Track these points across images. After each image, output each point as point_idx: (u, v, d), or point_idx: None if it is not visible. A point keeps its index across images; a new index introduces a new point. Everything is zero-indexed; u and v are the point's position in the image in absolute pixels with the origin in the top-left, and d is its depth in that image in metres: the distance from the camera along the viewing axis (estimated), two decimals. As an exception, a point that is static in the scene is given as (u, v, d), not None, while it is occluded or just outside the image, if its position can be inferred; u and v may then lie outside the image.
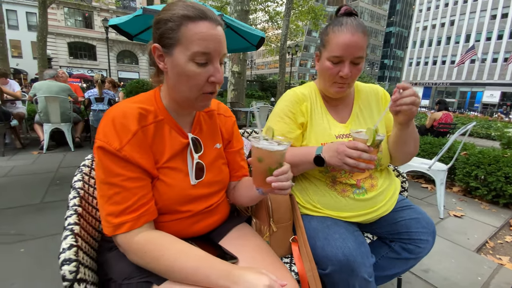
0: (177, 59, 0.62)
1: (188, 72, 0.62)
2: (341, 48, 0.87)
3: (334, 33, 0.89)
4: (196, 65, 0.62)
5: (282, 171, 0.63)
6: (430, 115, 5.29)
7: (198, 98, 0.66)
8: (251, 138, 0.66)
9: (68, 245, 0.55)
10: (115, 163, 0.60)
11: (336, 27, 0.89)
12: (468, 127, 2.37)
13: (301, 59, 53.01)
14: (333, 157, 0.81)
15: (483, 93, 36.62)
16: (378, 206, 0.95)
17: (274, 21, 16.23)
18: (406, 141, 0.94)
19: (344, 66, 0.89)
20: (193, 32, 0.60)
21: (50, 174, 2.96)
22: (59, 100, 3.81)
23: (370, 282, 0.82)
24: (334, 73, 0.91)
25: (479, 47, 35.91)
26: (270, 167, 0.64)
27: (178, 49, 0.62)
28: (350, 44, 0.86)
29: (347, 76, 0.89)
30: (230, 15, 5.91)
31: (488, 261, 1.83)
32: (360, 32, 0.87)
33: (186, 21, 0.61)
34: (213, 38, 0.62)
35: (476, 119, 13.82)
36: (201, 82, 0.64)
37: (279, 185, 0.62)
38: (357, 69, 0.91)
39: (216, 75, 0.64)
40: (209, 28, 0.61)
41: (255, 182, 0.68)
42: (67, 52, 25.39)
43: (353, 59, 0.89)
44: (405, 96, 0.81)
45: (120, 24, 3.61)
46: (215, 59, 0.64)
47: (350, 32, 0.86)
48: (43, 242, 1.72)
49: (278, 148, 0.63)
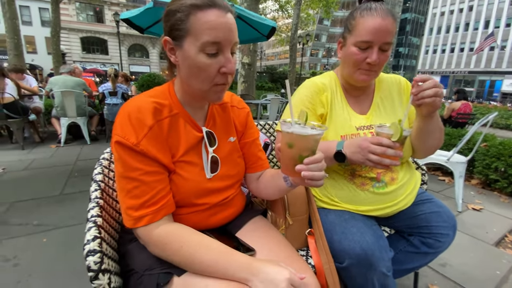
0: (188, 51, 0.61)
1: (199, 64, 0.61)
2: (370, 33, 0.83)
3: (362, 17, 0.85)
4: (206, 56, 0.60)
5: (314, 159, 0.59)
6: (449, 105, 5.10)
7: (210, 90, 0.65)
8: (282, 122, 0.61)
9: (92, 236, 0.57)
10: (133, 157, 0.61)
11: (365, 11, 0.85)
12: (489, 117, 2.26)
13: (312, 49, 51.86)
14: (356, 153, 0.79)
15: (503, 81, 34.98)
16: (398, 200, 0.93)
17: (285, 10, 15.89)
18: (430, 133, 0.90)
19: (372, 52, 0.85)
20: (202, 21, 0.59)
21: (69, 167, 3.06)
22: (75, 95, 3.90)
23: (389, 276, 0.81)
24: (360, 59, 0.88)
25: (499, 33, 34.10)
26: (301, 154, 0.59)
27: (188, 41, 0.60)
28: (381, 29, 0.82)
29: (375, 62, 0.86)
30: (240, 5, 5.82)
31: (507, 255, 1.79)
32: (391, 17, 0.84)
33: (195, 10, 0.59)
34: (223, 27, 0.60)
35: (495, 109, 13.25)
36: (213, 74, 0.62)
37: (310, 174, 0.58)
38: (385, 56, 0.87)
39: (228, 66, 0.62)
40: (218, 16, 0.60)
41: (284, 170, 0.64)
42: (80, 47, 25.86)
43: (382, 45, 0.85)
44: (426, 88, 0.76)
45: (131, 17, 3.62)
46: (226, 49, 0.62)
47: (380, 16, 0.83)
48: (64, 232, 1.79)
49: (312, 132, 0.58)
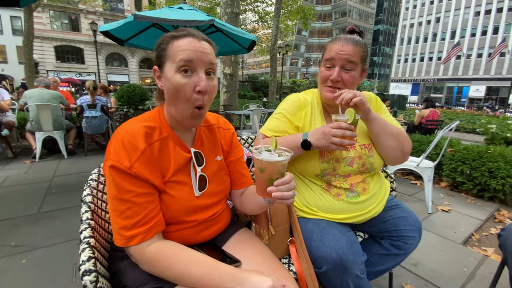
0: (167, 74, 0.69)
1: (175, 84, 0.68)
2: (331, 53, 0.99)
3: (330, 43, 1.03)
4: (181, 75, 0.68)
5: (283, 181, 0.66)
6: (418, 113, 5.46)
7: (189, 114, 0.71)
8: (253, 150, 0.69)
9: (87, 257, 0.60)
10: (126, 180, 0.65)
11: (333, 40, 1.03)
12: (452, 125, 2.48)
13: (292, 58, 53.29)
14: (320, 139, 0.91)
15: (469, 88, 37.59)
16: (370, 208, 1.03)
17: (264, 21, 16.30)
18: (379, 136, 1.03)
19: (334, 70, 0.99)
20: (176, 46, 0.68)
21: (45, 183, 2.96)
22: (51, 108, 3.79)
23: (362, 278, 0.89)
24: (326, 76, 1.02)
25: (464, 43, 36.83)
26: (271, 177, 0.66)
27: (167, 65, 0.69)
28: (341, 50, 0.97)
29: (336, 79, 0.98)
30: (220, 18, 5.95)
31: (474, 253, 1.93)
32: (351, 44, 0.97)
33: (173, 39, 0.70)
34: (195, 49, 0.68)
35: (462, 114, 14.22)
36: (189, 93, 0.68)
37: (279, 195, 0.65)
38: (349, 76, 0.99)
39: (200, 84, 0.68)
40: (191, 42, 0.69)
41: (258, 191, 0.72)
42: (54, 56, 24.86)
43: (344, 64, 0.98)
44: (344, 95, 0.94)
45: (111, 30, 3.62)
46: (200, 68, 0.69)
47: (341, 43, 0.99)
48: (44, 252, 1.74)
49: (278, 159, 0.66)
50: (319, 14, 54.28)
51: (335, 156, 1.02)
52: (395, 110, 8.61)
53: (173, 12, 3.47)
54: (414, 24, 43.85)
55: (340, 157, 1.02)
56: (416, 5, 43.52)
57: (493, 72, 34.85)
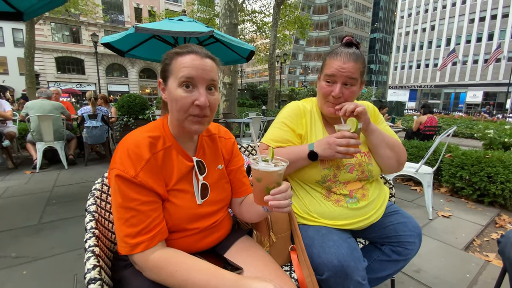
0: (170, 87, 0.73)
1: (176, 97, 0.71)
2: (333, 70, 1.00)
3: (330, 58, 1.03)
4: (183, 90, 0.71)
5: (279, 190, 0.69)
6: (416, 119, 5.51)
7: (186, 120, 0.74)
8: (251, 160, 0.72)
9: (92, 265, 0.61)
10: (132, 189, 0.67)
11: (333, 54, 1.03)
12: (449, 131, 2.51)
13: (290, 67, 53.99)
14: (326, 149, 0.94)
15: (466, 93, 37.91)
16: (369, 214, 1.04)
17: (262, 31, 16.58)
18: (377, 147, 1.05)
19: (336, 86, 1.00)
20: (180, 63, 0.72)
21: (46, 194, 2.95)
22: (52, 119, 3.82)
23: (364, 284, 0.90)
24: (327, 92, 1.03)
25: (460, 50, 37.37)
26: (268, 186, 0.69)
27: (171, 79, 0.73)
28: (341, 68, 0.98)
29: (337, 95, 1.00)
30: (219, 29, 6.07)
31: (475, 258, 1.93)
32: (352, 61, 0.98)
33: (176, 56, 0.73)
34: (197, 66, 0.72)
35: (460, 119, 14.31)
36: (187, 105, 0.72)
37: (276, 203, 0.67)
38: (350, 91, 1.01)
39: (200, 99, 0.71)
40: (194, 59, 0.72)
41: (256, 200, 0.75)
42: (54, 67, 25.16)
43: (345, 80, 0.99)
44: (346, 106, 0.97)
45: (112, 42, 3.69)
46: (200, 85, 0.72)
47: (342, 59, 0.99)
48: (46, 263, 1.73)
49: (274, 169, 0.69)
50: (316, 24, 55.24)
51: (335, 163, 1.03)
52: (393, 117, 8.68)
53: (173, 24, 3.55)
54: (410, 32, 44.59)
55: (341, 164, 1.04)
56: (411, 13, 44.36)
57: (489, 77, 35.24)
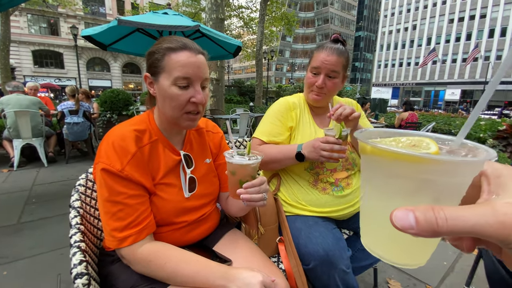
0: (162, 84, 0.71)
1: (171, 94, 0.71)
2: (318, 62, 1.08)
3: (316, 52, 1.11)
4: (178, 88, 0.71)
5: (252, 184, 0.68)
6: (398, 116, 5.69)
7: (182, 117, 0.74)
8: (225, 153, 0.71)
9: (78, 260, 0.61)
10: (118, 182, 0.66)
11: (319, 48, 1.11)
12: (428, 127, 2.62)
13: (277, 64, 54.06)
14: (311, 152, 0.97)
15: (445, 91, 39.51)
16: (354, 202, 1.08)
17: (249, 27, 16.47)
18: None
19: (320, 78, 1.07)
20: (174, 60, 0.70)
21: (25, 193, 2.83)
22: (30, 114, 3.65)
23: (348, 273, 0.94)
24: (312, 82, 1.10)
25: (440, 49, 38.79)
26: (242, 180, 0.69)
27: (163, 76, 0.71)
28: (325, 60, 1.06)
29: (320, 86, 1.08)
30: (205, 23, 5.98)
31: (452, 247, 2.03)
32: (336, 55, 1.05)
33: (169, 52, 0.71)
34: (192, 65, 0.71)
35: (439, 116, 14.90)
36: (183, 103, 0.72)
37: (248, 197, 0.67)
38: (333, 83, 1.08)
39: (197, 96, 0.72)
40: (189, 56, 0.71)
41: (230, 194, 0.74)
42: (31, 60, 23.94)
43: (328, 72, 1.06)
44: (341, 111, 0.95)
45: (93, 35, 3.56)
46: (196, 83, 0.73)
47: (326, 53, 1.07)
48: (26, 263, 1.67)
49: (248, 162, 0.68)
50: (303, 21, 55.54)
51: None
52: (376, 113, 8.91)
53: (158, 17, 3.46)
54: (393, 31, 45.77)
55: None
56: (394, 13, 45.50)
57: (467, 76, 36.83)
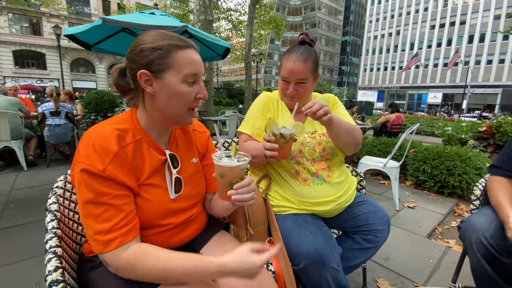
0: (169, 82, 0.69)
1: (182, 92, 0.71)
2: (286, 72, 1.10)
3: (284, 59, 1.12)
4: (187, 85, 0.71)
5: (242, 185, 0.69)
6: (384, 116, 5.83)
7: (186, 114, 0.75)
8: (213, 156, 0.72)
9: (54, 267, 0.57)
10: (101, 183, 0.63)
11: (286, 55, 1.11)
12: (413, 128, 2.68)
13: (266, 66, 54.40)
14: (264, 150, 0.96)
15: (428, 95, 40.90)
16: (337, 195, 1.07)
17: (238, 30, 16.51)
18: (338, 136, 1.08)
19: (289, 86, 1.11)
20: (184, 57, 0.70)
21: (2, 198, 2.69)
22: (9, 116, 3.48)
23: (339, 270, 0.93)
24: (284, 89, 1.15)
25: (422, 54, 40.20)
26: (231, 181, 0.70)
27: (170, 73, 0.69)
28: (292, 70, 1.08)
29: (291, 94, 1.12)
30: (194, 25, 5.93)
31: (438, 245, 2.08)
32: (302, 61, 1.06)
33: (176, 49, 0.70)
34: (198, 62, 0.73)
35: (422, 118, 15.40)
36: (191, 99, 0.73)
37: (239, 197, 0.69)
38: (303, 88, 1.11)
39: (202, 92, 0.75)
40: (194, 54, 0.73)
41: (219, 196, 0.74)
42: (12, 61, 23.03)
43: (297, 81, 1.10)
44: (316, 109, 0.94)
45: (77, 34, 3.45)
46: (200, 79, 0.75)
47: (292, 61, 1.07)
48: (3, 272, 1.57)
49: (237, 164, 0.69)
50: (291, 25, 56.23)
51: (299, 140, 1.10)
52: (363, 116, 9.08)
53: (144, 17, 3.40)
54: (378, 36, 47.07)
55: (304, 141, 1.11)
56: (378, 18, 46.84)
57: (448, 80, 38.29)
